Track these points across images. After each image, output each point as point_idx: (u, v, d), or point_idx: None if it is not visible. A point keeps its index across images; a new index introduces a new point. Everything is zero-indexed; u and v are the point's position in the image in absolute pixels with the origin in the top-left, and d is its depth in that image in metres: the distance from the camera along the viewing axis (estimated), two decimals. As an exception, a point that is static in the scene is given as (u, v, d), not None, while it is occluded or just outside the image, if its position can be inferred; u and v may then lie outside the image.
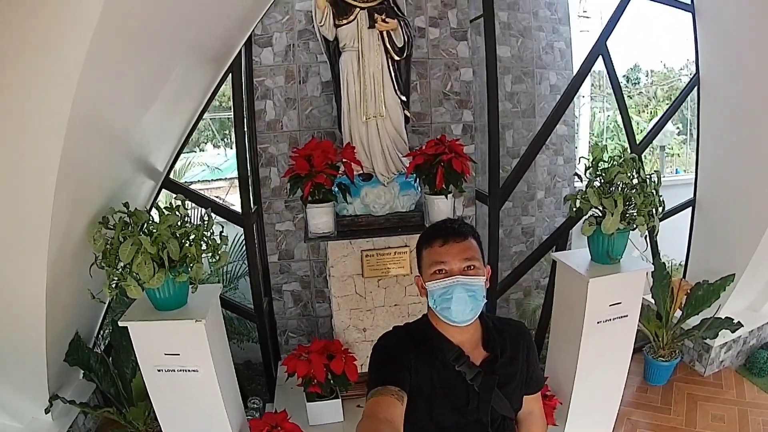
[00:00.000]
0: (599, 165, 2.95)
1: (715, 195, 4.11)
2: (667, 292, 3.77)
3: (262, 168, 3.87)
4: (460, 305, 1.57)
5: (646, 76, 11.89)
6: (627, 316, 3.02)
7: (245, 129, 3.52)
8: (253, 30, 3.55)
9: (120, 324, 2.46)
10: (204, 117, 8.62)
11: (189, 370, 2.55)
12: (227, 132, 8.90)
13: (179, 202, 2.50)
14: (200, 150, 9.20)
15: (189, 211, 2.57)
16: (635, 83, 11.92)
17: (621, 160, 2.89)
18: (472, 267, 1.59)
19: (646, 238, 2.93)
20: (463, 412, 1.60)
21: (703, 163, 4.19)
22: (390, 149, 3.30)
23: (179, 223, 2.43)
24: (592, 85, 9.61)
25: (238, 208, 3.64)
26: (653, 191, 2.82)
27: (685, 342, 4.06)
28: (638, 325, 3.13)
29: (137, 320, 2.48)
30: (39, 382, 2.68)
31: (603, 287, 2.89)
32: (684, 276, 4.30)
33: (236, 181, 3.55)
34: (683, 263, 4.43)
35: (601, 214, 2.89)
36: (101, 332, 3.33)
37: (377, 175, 3.32)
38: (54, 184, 1.95)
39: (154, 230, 2.36)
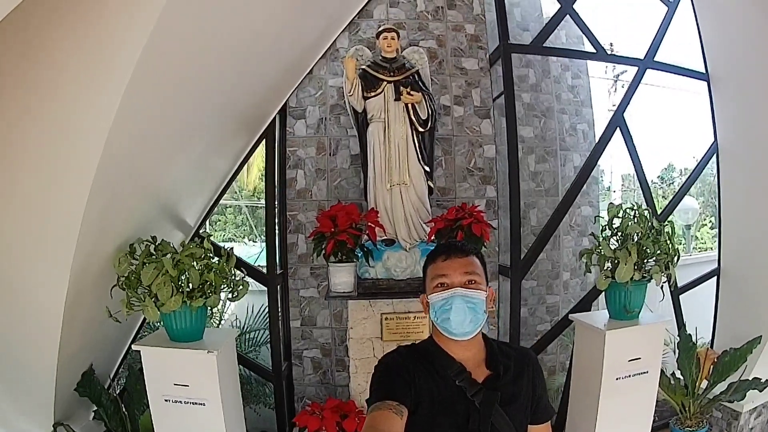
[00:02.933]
0: (614, 222, 2.99)
1: (739, 260, 4.04)
2: (693, 361, 3.61)
3: (290, 234, 4.00)
4: (459, 316, 1.58)
5: (680, 174, 11.90)
6: (647, 372, 2.92)
7: (276, 195, 3.71)
8: (288, 101, 3.84)
9: (134, 347, 2.52)
10: (242, 210, 9.01)
11: (196, 403, 2.54)
12: (263, 228, 9.04)
13: (204, 237, 2.63)
14: (236, 242, 9.43)
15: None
16: (669, 183, 11.94)
17: (635, 214, 2.93)
18: (473, 282, 1.61)
19: (662, 288, 2.88)
20: (463, 429, 1.57)
21: (726, 230, 4.16)
22: (413, 217, 3.42)
23: (201, 256, 2.54)
24: (624, 189, 9.68)
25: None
26: (667, 241, 2.82)
27: (714, 413, 3.84)
28: (664, 396, 2.99)
29: (151, 346, 2.53)
30: (45, 405, 2.68)
31: (621, 340, 2.83)
32: (711, 346, 4.12)
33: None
34: (710, 341, 4.25)
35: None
36: (117, 378, 3.34)
37: (400, 240, 3.42)
38: (83, 207, 2.10)
39: (177, 258, 2.46)
